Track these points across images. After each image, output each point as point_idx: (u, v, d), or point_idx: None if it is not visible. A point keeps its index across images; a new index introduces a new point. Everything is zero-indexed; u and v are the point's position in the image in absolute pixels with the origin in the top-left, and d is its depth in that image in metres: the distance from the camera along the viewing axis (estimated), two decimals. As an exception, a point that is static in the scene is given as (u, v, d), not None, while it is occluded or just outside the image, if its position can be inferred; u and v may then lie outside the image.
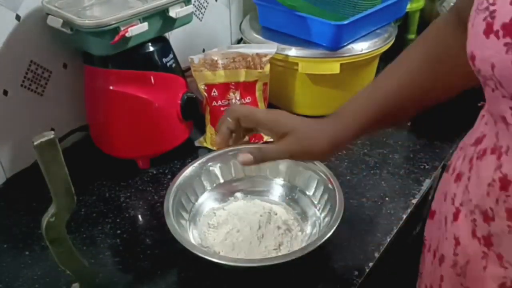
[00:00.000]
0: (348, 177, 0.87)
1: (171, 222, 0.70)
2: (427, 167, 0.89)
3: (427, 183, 0.86)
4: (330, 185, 0.75)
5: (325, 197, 0.76)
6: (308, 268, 0.70)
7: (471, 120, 0.57)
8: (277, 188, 0.84)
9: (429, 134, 0.98)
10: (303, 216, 0.79)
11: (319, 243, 0.66)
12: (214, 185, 0.83)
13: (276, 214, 0.78)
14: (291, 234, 0.75)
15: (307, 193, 0.80)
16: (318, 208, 0.77)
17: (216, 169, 0.83)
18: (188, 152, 0.94)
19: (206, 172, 0.82)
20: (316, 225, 0.75)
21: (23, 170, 0.89)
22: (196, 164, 0.81)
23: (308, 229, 0.76)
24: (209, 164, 0.82)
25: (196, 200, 0.80)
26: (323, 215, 0.75)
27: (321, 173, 0.78)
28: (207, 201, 0.81)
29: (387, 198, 0.83)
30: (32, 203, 0.83)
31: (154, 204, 0.83)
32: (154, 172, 0.90)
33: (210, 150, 0.94)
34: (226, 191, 0.83)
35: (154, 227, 0.77)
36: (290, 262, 0.64)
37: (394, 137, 0.98)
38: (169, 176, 0.89)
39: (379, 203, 0.82)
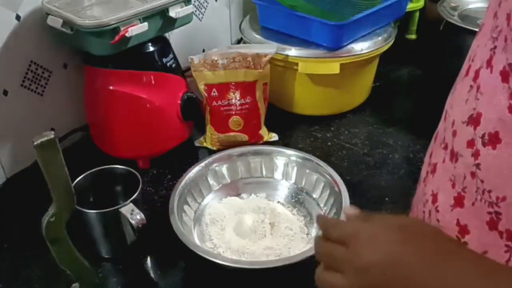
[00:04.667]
0: (348, 177, 0.87)
1: (175, 221, 0.70)
2: (427, 167, 0.89)
3: (427, 183, 0.86)
4: (336, 188, 0.75)
5: (331, 200, 0.76)
6: (309, 268, 0.69)
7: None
8: (284, 189, 0.84)
9: (429, 134, 0.98)
10: (309, 218, 0.79)
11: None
12: (221, 185, 0.83)
13: (281, 216, 0.78)
14: (296, 236, 0.74)
15: (314, 195, 0.80)
16: (324, 211, 0.77)
17: (223, 169, 0.83)
18: (188, 152, 0.94)
19: (212, 172, 0.82)
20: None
21: (23, 170, 0.89)
22: (202, 164, 0.81)
23: (313, 232, 0.76)
24: (216, 164, 0.83)
25: (202, 200, 0.80)
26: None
27: (328, 176, 0.78)
28: (213, 201, 0.81)
29: (387, 198, 0.83)
30: (32, 203, 0.83)
31: (154, 204, 0.82)
32: (154, 172, 0.90)
33: (210, 150, 0.94)
34: (232, 192, 0.83)
35: (155, 227, 0.77)
36: (292, 263, 0.64)
37: (394, 137, 0.98)
38: (169, 176, 0.89)
39: (379, 203, 0.82)
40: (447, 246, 0.42)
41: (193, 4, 1.07)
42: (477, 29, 1.10)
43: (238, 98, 0.93)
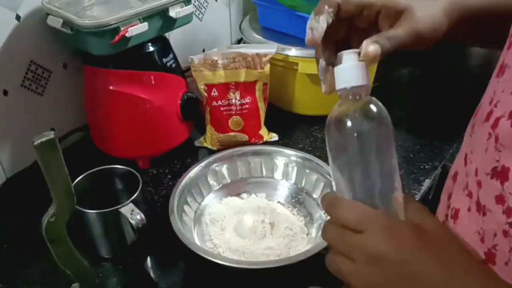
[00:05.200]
0: (348, 177, 0.87)
1: (175, 221, 0.70)
2: (427, 167, 0.89)
3: (427, 183, 0.86)
4: None
5: None
6: (309, 268, 0.70)
7: (470, 120, 0.57)
8: (284, 189, 0.84)
9: (429, 134, 0.98)
10: (309, 218, 0.79)
11: (322, 247, 0.66)
12: (221, 185, 0.83)
13: (281, 216, 0.78)
14: (296, 236, 0.74)
15: (314, 195, 0.80)
16: (324, 211, 0.77)
17: (223, 169, 0.83)
18: (188, 152, 0.94)
19: (212, 172, 0.82)
20: (322, 228, 0.75)
21: (23, 170, 0.89)
22: (202, 163, 0.81)
23: (313, 232, 0.76)
24: (216, 164, 0.83)
25: (202, 199, 0.80)
26: (328, 217, 0.75)
27: (328, 176, 0.78)
28: (213, 201, 0.81)
29: (387, 198, 0.82)
30: (32, 203, 0.83)
31: (154, 204, 0.82)
32: (154, 172, 0.90)
33: (210, 150, 0.94)
34: (232, 192, 0.83)
35: (155, 227, 0.77)
36: (292, 264, 0.64)
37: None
38: (169, 176, 0.89)
39: (379, 203, 0.82)
40: (464, 261, 0.41)
41: (193, 4, 1.07)
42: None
43: (238, 98, 0.93)
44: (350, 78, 0.45)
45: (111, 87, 0.82)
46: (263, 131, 0.96)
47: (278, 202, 0.82)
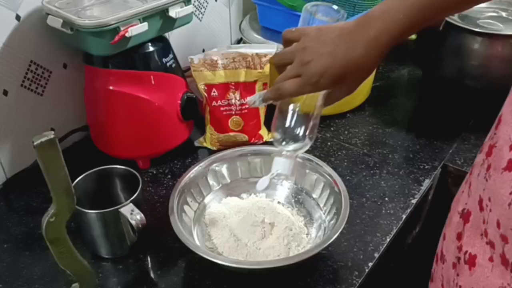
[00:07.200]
0: (348, 177, 0.87)
1: (175, 221, 0.70)
2: (427, 167, 0.89)
3: (427, 183, 0.86)
4: (336, 188, 0.75)
5: (331, 200, 0.76)
6: (308, 268, 0.70)
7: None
8: (283, 189, 0.83)
9: (429, 134, 0.98)
10: (309, 218, 0.79)
11: (322, 247, 0.66)
12: (221, 185, 0.83)
13: (281, 216, 0.78)
14: (296, 237, 0.74)
15: (313, 195, 0.80)
16: (324, 211, 0.77)
17: (223, 169, 0.83)
18: (188, 152, 0.94)
19: (212, 172, 0.82)
20: (321, 228, 0.75)
21: (23, 170, 0.89)
22: (202, 163, 0.81)
23: (313, 232, 0.76)
24: (216, 164, 0.83)
25: (202, 199, 0.80)
26: (328, 218, 0.75)
27: (327, 176, 0.78)
28: (212, 201, 0.81)
29: (387, 198, 0.83)
30: (32, 203, 0.83)
31: (154, 204, 0.83)
32: (154, 172, 0.90)
33: (210, 150, 0.94)
34: (232, 192, 0.83)
35: (154, 227, 0.77)
36: (291, 263, 0.64)
37: (394, 137, 0.98)
38: (169, 176, 0.89)
39: (379, 203, 0.82)
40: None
41: (193, 4, 1.08)
42: (477, 29, 1.09)
43: (238, 98, 0.93)
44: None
45: (111, 87, 0.82)
46: (263, 131, 0.96)
47: (278, 202, 0.82)
